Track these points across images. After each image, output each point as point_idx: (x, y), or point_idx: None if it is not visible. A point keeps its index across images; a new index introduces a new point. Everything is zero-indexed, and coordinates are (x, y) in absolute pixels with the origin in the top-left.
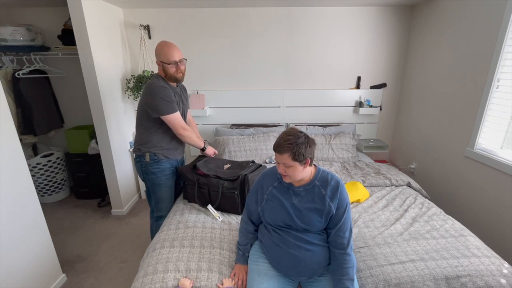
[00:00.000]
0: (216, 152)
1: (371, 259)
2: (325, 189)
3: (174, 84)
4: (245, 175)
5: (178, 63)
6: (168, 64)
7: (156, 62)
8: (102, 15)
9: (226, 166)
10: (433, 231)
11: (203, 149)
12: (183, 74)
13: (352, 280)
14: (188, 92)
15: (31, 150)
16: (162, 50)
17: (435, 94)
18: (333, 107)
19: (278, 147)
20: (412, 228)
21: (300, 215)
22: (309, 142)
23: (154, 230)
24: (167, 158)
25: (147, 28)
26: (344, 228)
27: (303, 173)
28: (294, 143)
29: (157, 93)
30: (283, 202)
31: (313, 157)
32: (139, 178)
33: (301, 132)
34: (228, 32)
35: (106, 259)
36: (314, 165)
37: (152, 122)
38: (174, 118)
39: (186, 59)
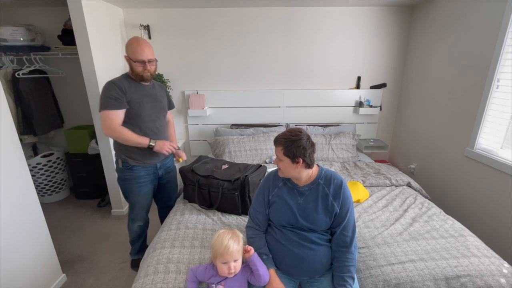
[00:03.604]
0: (173, 147)
1: (370, 259)
2: (328, 188)
3: (147, 82)
4: (246, 176)
5: (146, 63)
6: (135, 62)
7: (124, 56)
8: (102, 15)
9: (224, 167)
10: (433, 231)
11: (149, 147)
12: (152, 74)
13: (353, 278)
14: (188, 92)
15: (31, 150)
16: (131, 46)
17: (435, 94)
18: (333, 107)
19: (276, 140)
20: (412, 228)
21: (305, 215)
22: (305, 144)
23: (129, 230)
24: (142, 164)
25: (147, 28)
26: (348, 226)
27: (296, 172)
28: (288, 139)
29: (104, 88)
30: (289, 202)
31: (309, 160)
32: None
33: (302, 133)
34: (228, 32)
35: (106, 259)
36: (317, 165)
37: (124, 122)
38: (105, 116)
39: (157, 60)
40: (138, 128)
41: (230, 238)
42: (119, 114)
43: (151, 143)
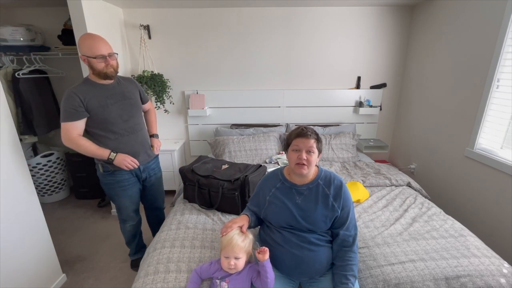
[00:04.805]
0: (135, 163)
1: (370, 259)
2: (328, 189)
3: (108, 81)
4: (246, 175)
5: (107, 57)
6: (94, 58)
7: (81, 57)
8: (102, 15)
9: (224, 167)
10: (433, 231)
11: (108, 161)
12: (115, 70)
13: (356, 277)
14: (188, 92)
15: (31, 150)
16: (85, 42)
17: (435, 94)
18: (333, 107)
19: (306, 132)
20: (411, 228)
21: (304, 215)
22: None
23: (123, 232)
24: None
25: (147, 28)
26: (350, 226)
27: (314, 167)
28: (317, 133)
29: (63, 99)
30: (286, 203)
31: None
32: None
33: None
34: (228, 32)
35: (106, 259)
36: (317, 166)
37: (93, 128)
38: (63, 127)
39: (117, 54)
40: (110, 132)
41: (237, 234)
42: (77, 125)
43: (110, 156)
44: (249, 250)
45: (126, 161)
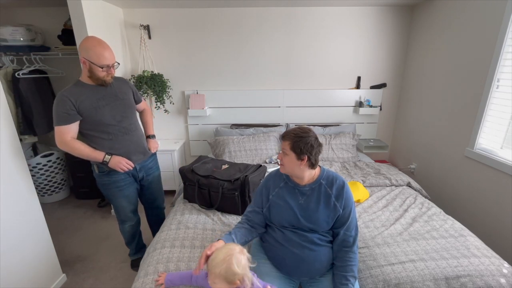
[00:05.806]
0: (130, 165)
1: (370, 259)
2: (331, 189)
3: (107, 86)
4: (246, 175)
5: (111, 68)
6: (100, 67)
7: (81, 59)
8: (102, 15)
9: (224, 167)
10: (433, 231)
11: (103, 163)
12: (112, 78)
13: (356, 278)
14: (188, 92)
15: (31, 150)
16: (94, 49)
17: (435, 94)
18: (333, 107)
19: (284, 134)
20: (412, 228)
21: (306, 215)
22: (313, 142)
23: (122, 232)
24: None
25: (147, 28)
26: (351, 226)
27: (299, 170)
28: (298, 135)
29: (55, 102)
30: (290, 202)
31: (313, 159)
32: None
33: (311, 131)
34: (228, 32)
35: (106, 259)
36: (319, 166)
37: (86, 130)
38: (57, 131)
39: (118, 63)
40: (104, 133)
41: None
42: (70, 128)
43: (105, 159)
44: (229, 279)
45: (121, 164)
